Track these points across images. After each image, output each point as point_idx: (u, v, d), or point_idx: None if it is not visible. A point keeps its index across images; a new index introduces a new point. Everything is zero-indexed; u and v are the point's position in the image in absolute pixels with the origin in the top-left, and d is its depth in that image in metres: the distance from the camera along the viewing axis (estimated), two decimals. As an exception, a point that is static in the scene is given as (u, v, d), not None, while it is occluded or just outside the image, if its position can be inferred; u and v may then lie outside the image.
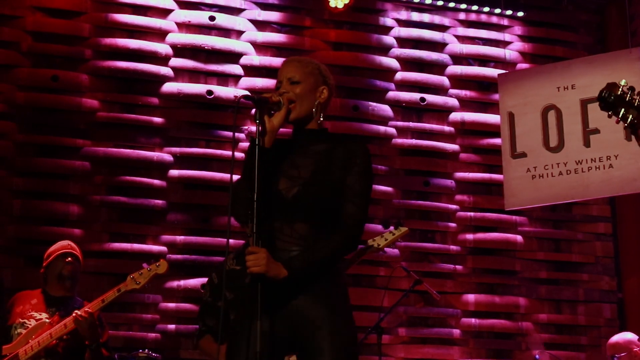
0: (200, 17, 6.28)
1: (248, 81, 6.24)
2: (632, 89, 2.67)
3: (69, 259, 4.63)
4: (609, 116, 2.71)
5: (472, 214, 6.54)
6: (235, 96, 4.80)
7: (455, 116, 6.67)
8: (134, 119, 5.98)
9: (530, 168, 5.71)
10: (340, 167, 2.97)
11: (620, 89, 2.67)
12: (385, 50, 6.64)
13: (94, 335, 4.29)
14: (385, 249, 4.98)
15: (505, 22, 6.91)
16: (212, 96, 6.15)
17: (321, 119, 3.07)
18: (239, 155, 6.06)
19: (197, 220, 5.98)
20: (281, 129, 3.00)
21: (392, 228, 5.00)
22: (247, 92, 5.76)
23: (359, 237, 3.00)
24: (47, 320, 4.43)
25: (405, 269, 5.51)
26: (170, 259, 5.83)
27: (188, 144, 6.08)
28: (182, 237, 5.91)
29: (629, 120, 2.67)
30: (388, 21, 6.71)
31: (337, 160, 2.98)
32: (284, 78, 3.06)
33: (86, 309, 4.26)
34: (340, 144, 3.03)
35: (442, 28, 6.82)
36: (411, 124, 6.57)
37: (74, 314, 4.28)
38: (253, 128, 5.95)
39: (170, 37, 6.18)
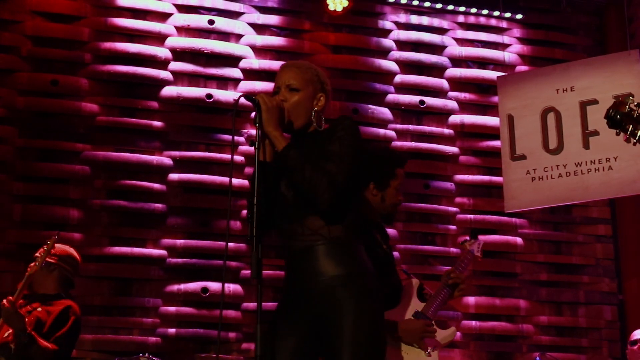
0: (199, 20, 6.29)
1: (247, 85, 6.24)
2: (639, 105, 2.67)
3: None
4: (617, 134, 2.69)
5: (472, 216, 6.54)
6: (234, 99, 4.79)
7: (454, 119, 6.68)
8: (133, 123, 5.99)
9: (530, 170, 5.70)
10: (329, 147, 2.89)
11: (627, 107, 2.66)
12: (384, 53, 6.65)
13: (18, 325, 4.23)
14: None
15: (504, 24, 6.92)
16: (212, 100, 6.16)
17: (321, 125, 3.00)
18: (239, 158, 6.07)
19: (197, 224, 5.98)
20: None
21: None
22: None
23: (333, 195, 2.76)
24: None
25: (405, 271, 5.49)
26: (170, 262, 5.85)
27: (188, 147, 6.08)
28: (182, 241, 5.91)
29: (638, 136, 2.66)
30: (387, 24, 6.72)
31: (327, 144, 2.91)
32: (283, 85, 2.99)
33: (9, 298, 4.24)
34: (328, 131, 2.96)
35: (441, 31, 6.82)
36: (411, 127, 6.57)
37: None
38: (253, 131, 5.96)
39: (170, 41, 6.19)
